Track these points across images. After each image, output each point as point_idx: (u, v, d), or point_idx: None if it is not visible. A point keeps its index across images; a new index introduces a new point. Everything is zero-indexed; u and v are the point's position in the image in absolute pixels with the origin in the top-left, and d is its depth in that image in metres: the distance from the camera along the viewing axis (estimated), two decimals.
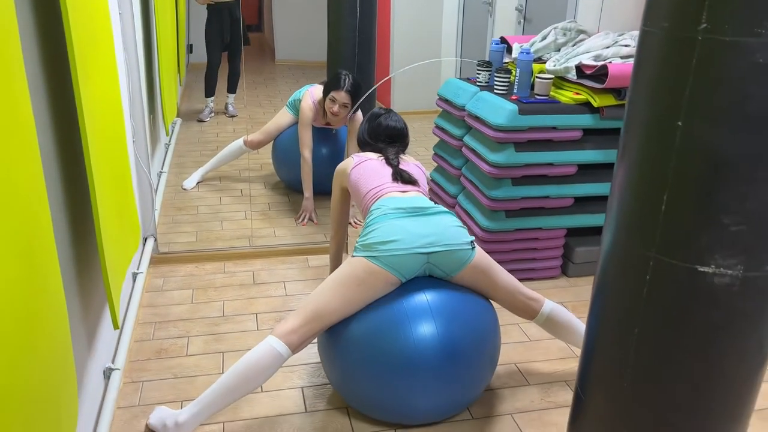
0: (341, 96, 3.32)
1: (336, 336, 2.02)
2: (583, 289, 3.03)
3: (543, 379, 2.35)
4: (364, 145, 2.52)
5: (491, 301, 2.16)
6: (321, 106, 3.52)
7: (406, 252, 1.93)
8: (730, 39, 1.08)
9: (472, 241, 2.03)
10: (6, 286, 1.06)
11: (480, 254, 2.05)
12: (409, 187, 2.23)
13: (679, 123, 1.18)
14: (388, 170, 2.29)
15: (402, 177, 2.25)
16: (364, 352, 1.95)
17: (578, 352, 2.51)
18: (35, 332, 1.20)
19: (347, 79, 3.32)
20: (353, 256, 2.00)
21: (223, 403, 1.92)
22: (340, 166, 2.47)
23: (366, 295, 1.95)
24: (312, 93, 3.60)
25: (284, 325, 1.94)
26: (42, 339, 1.23)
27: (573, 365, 2.43)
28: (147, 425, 2.04)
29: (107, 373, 2.14)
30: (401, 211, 2.04)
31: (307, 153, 3.58)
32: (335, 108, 3.35)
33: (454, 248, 1.98)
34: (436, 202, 2.15)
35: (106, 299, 2.25)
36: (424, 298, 1.97)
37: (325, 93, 3.39)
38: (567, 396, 2.26)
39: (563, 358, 2.48)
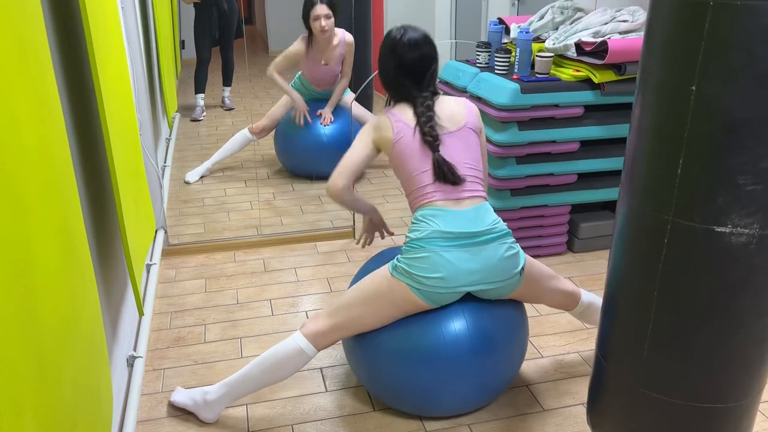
0: (320, 9, 3.45)
1: (363, 336, 2.01)
2: (589, 263, 3.08)
3: (556, 351, 2.40)
4: (388, 88, 2.07)
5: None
6: (308, 42, 3.61)
7: (449, 291, 1.88)
8: (740, 2, 1.12)
9: (522, 269, 1.95)
10: (53, 268, 1.10)
11: (527, 277, 1.97)
12: (460, 191, 1.93)
13: (693, 87, 1.22)
14: (428, 156, 1.93)
15: (446, 177, 1.91)
16: (394, 350, 1.94)
17: (589, 325, 2.56)
18: (77, 313, 1.23)
19: None
20: (392, 275, 1.89)
21: (249, 390, 2.00)
22: (380, 123, 2.01)
23: (399, 314, 1.93)
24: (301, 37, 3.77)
25: (314, 325, 1.95)
26: (81, 321, 1.27)
27: (584, 337, 2.49)
28: (171, 403, 2.09)
29: (130, 361, 2.18)
30: (451, 237, 1.87)
31: (273, 73, 3.75)
32: (321, 23, 3.47)
33: (502, 285, 1.93)
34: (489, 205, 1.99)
35: (124, 289, 2.28)
36: None
37: (306, 17, 3.50)
38: (581, 366, 2.31)
39: (573, 330, 2.53)
